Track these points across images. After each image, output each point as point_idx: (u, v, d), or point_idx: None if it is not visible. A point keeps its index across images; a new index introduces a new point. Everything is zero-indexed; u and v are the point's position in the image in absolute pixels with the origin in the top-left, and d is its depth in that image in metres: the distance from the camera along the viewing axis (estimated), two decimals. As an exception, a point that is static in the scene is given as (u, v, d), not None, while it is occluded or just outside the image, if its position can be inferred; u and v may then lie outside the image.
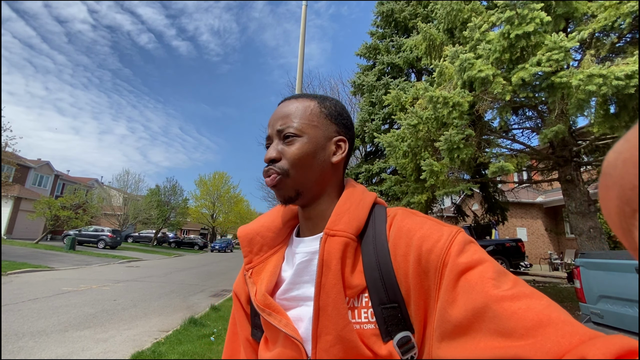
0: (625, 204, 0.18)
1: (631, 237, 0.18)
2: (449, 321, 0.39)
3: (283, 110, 0.61)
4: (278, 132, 0.59)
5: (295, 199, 0.58)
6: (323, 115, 0.61)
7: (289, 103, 0.62)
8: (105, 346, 4.20)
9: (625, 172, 0.17)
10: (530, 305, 0.35)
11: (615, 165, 0.18)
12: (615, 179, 0.18)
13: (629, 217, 0.18)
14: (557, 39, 4.19)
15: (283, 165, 0.57)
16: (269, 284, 0.57)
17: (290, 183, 0.56)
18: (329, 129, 0.61)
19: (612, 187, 0.19)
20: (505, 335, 0.34)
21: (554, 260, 15.31)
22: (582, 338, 0.30)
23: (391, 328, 0.47)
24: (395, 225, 0.52)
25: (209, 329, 5.02)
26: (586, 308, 3.37)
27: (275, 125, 0.59)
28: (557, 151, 6.28)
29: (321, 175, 0.59)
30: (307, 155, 0.57)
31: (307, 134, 0.58)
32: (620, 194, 0.18)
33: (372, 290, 0.49)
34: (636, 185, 0.17)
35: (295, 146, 0.57)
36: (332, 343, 0.48)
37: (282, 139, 0.59)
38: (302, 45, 7.14)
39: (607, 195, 0.19)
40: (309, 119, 0.59)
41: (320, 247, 0.52)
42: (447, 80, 6.19)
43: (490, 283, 0.38)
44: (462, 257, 0.43)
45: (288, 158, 0.57)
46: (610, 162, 0.19)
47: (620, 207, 0.18)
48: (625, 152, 0.18)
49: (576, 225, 5.96)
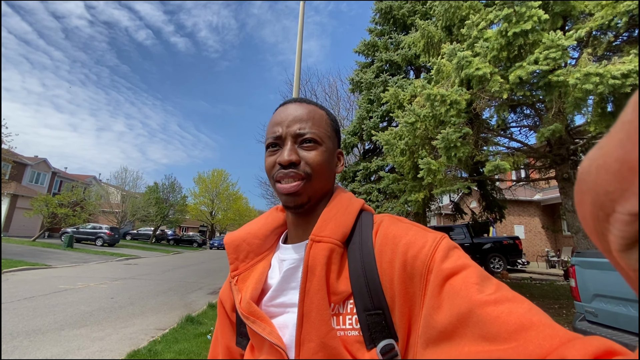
0: (599, 209, 0.18)
1: (605, 241, 0.19)
2: (434, 327, 0.39)
3: (298, 113, 0.59)
4: (297, 135, 0.57)
5: (304, 206, 0.57)
6: (331, 128, 0.62)
7: (301, 107, 0.60)
8: (101, 345, 4.20)
9: (599, 178, 0.18)
10: (513, 309, 0.35)
11: (589, 172, 0.19)
12: (589, 184, 0.19)
13: (602, 221, 0.18)
14: (555, 37, 4.17)
15: (306, 170, 0.56)
16: (254, 291, 0.57)
17: (309, 189, 0.56)
18: (335, 142, 0.63)
19: (586, 193, 0.19)
20: (489, 340, 0.34)
21: (551, 257, 15.39)
22: (562, 340, 0.31)
23: (375, 335, 0.46)
24: (382, 231, 0.52)
25: (206, 327, 5.03)
26: (581, 307, 3.39)
27: (292, 126, 0.58)
28: (554, 149, 6.29)
29: (328, 183, 0.60)
30: (325, 163, 0.58)
31: (324, 143, 0.59)
32: (594, 199, 0.19)
33: (357, 297, 0.49)
34: (609, 191, 0.17)
35: (317, 152, 0.57)
36: (315, 350, 0.47)
37: (299, 143, 0.57)
38: (300, 43, 7.09)
39: (582, 200, 0.20)
40: (325, 129, 0.60)
41: (305, 253, 0.52)
42: (445, 78, 6.17)
43: (474, 288, 0.39)
44: (446, 263, 0.43)
45: (310, 163, 0.56)
46: (585, 168, 0.20)
47: (594, 211, 0.19)
48: (598, 159, 0.18)
49: (573, 223, 5.98)
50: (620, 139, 0.17)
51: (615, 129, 0.17)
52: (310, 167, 0.56)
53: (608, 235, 0.18)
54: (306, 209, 0.58)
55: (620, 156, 0.17)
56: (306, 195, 0.56)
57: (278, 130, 0.58)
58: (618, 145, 0.17)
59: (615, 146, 0.17)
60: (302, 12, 7.43)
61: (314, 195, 0.57)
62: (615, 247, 0.18)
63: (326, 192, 0.60)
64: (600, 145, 0.19)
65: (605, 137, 0.18)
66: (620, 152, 0.17)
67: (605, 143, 0.18)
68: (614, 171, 0.17)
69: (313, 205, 0.58)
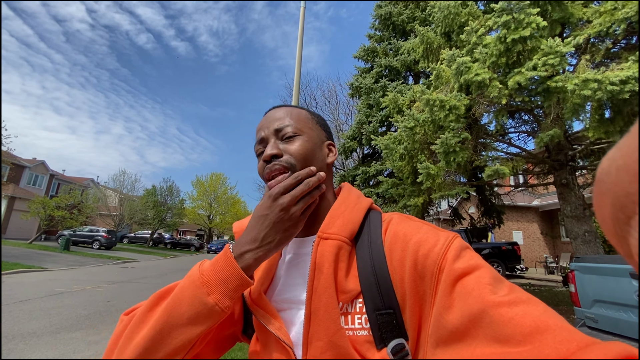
0: (619, 211, 0.18)
1: (625, 244, 0.18)
2: (444, 327, 0.39)
3: (276, 114, 0.61)
4: (276, 131, 0.58)
5: None
6: (314, 122, 0.63)
7: (280, 109, 0.62)
8: (97, 348, 4.14)
9: (619, 179, 0.17)
10: (527, 311, 0.34)
11: (608, 173, 0.19)
12: (609, 185, 0.18)
13: (623, 223, 0.18)
14: (553, 43, 4.21)
15: (289, 160, 0.56)
16: (264, 282, 0.57)
17: None
18: (320, 134, 0.63)
19: (606, 194, 0.19)
20: (502, 342, 0.33)
21: (549, 263, 15.38)
22: (579, 344, 0.30)
23: (385, 335, 0.46)
24: (391, 229, 0.52)
25: (203, 332, 4.98)
26: (581, 312, 3.38)
27: (271, 126, 0.59)
28: (552, 155, 6.32)
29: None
30: (309, 152, 0.58)
31: (305, 133, 0.59)
32: (614, 201, 0.18)
33: (367, 296, 0.48)
34: (629, 193, 0.17)
35: (298, 143, 0.57)
36: (324, 349, 0.46)
37: (280, 138, 0.58)
38: (300, 48, 7.14)
39: (601, 202, 0.19)
40: (304, 122, 0.61)
41: (312, 250, 0.51)
42: (444, 83, 6.21)
43: (487, 289, 0.38)
44: (458, 263, 0.42)
45: (292, 153, 0.57)
46: (604, 169, 0.19)
47: (614, 213, 0.18)
48: (618, 160, 0.18)
49: (571, 229, 5.98)
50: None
51: (635, 129, 0.17)
52: (294, 157, 0.56)
53: (629, 239, 0.18)
54: None
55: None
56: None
57: (261, 133, 0.60)
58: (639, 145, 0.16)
59: (635, 146, 0.17)
60: (302, 18, 7.49)
61: None
62: (637, 251, 0.17)
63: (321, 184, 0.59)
64: (620, 146, 0.18)
65: (625, 137, 0.18)
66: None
67: (625, 143, 0.18)
68: (635, 172, 0.16)
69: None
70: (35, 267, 11.05)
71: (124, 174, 34.67)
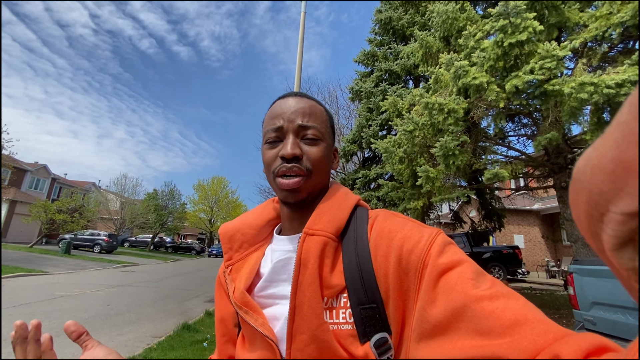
0: (593, 208, 0.18)
1: (598, 240, 0.19)
2: (428, 321, 0.39)
3: (300, 106, 0.58)
4: (300, 127, 0.56)
5: (303, 201, 0.57)
6: (329, 124, 0.62)
7: (302, 100, 0.59)
8: (96, 352, 4.15)
9: (593, 177, 0.18)
10: (508, 305, 0.35)
11: (584, 172, 0.19)
12: (584, 184, 0.19)
13: (596, 220, 0.18)
14: (550, 47, 4.25)
15: (308, 165, 0.55)
16: (247, 281, 0.57)
17: (309, 185, 0.56)
18: (332, 138, 0.63)
19: (581, 192, 0.19)
20: (483, 334, 0.34)
21: (551, 267, 15.31)
22: (555, 336, 0.31)
23: (369, 329, 0.46)
24: (377, 226, 0.52)
25: (203, 335, 4.97)
26: (579, 315, 3.37)
27: (296, 119, 0.56)
28: (552, 158, 6.33)
29: (325, 179, 0.60)
30: (325, 159, 0.58)
31: (325, 139, 0.59)
32: (588, 199, 0.19)
33: (351, 291, 0.48)
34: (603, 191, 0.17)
35: (319, 148, 0.57)
36: (307, 342, 0.47)
37: (301, 137, 0.57)
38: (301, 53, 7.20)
39: (577, 199, 0.20)
40: (326, 125, 0.60)
41: (298, 246, 0.52)
42: (443, 87, 6.25)
43: (469, 283, 0.39)
44: (442, 258, 0.43)
45: (312, 159, 0.55)
46: (580, 168, 0.20)
47: (588, 211, 0.19)
48: (593, 159, 0.18)
49: (572, 232, 5.98)
50: (615, 139, 0.17)
51: (611, 130, 0.18)
52: (312, 163, 0.55)
53: (601, 235, 0.18)
54: (305, 205, 0.58)
55: (615, 156, 0.17)
56: (306, 191, 0.56)
57: (279, 122, 0.57)
58: (613, 145, 0.17)
59: (610, 146, 0.17)
60: (302, 23, 7.56)
61: (313, 191, 0.57)
62: (609, 247, 0.18)
63: (323, 188, 0.60)
64: (596, 146, 0.19)
65: (600, 137, 0.19)
66: (615, 152, 0.17)
67: (601, 143, 0.18)
68: (609, 171, 0.17)
69: (310, 201, 0.58)
70: (36, 270, 11.06)
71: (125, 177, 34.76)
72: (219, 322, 0.66)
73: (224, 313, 0.65)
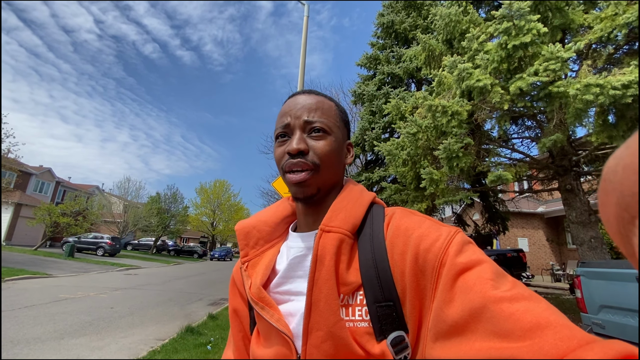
0: (624, 210, 0.18)
1: (629, 244, 0.18)
2: (444, 321, 0.39)
3: (308, 102, 0.58)
4: (306, 122, 0.57)
5: (314, 197, 0.56)
6: (340, 119, 0.62)
7: (310, 97, 0.60)
8: (100, 354, 4.14)
9: (625, 178, 0.17)
10: (529, 308, 0.34)
11: (615, 171, 0.18)
12: (615, 185, 0.18)
13: (627, 223, 0.18)
14: (554, 49, 4.24)
15: (314, 160, 0.55)
16: (263, 277, 0.57)
17: (318, 179, 0.55)
18: (343, 132, 0.62)
19: (611, 193, 0.19)
20: (502, 337, 0.33)
21: (555, 271, 15.15)
22: (580, 342, 0.29)
23: (385, 327, 0.46)
24: (393, 223, 0.52)
25: (206, 338, 4.96)
26: (587, 318, 3.32)
27: (302, 115, 0.57)
28: (556, 160, 6.29)
29: (337, 174, 0.59)
30: (334, 153, 0.57)
31: (333, 132, 0.58)
32: (619, 200, 0.18)
33: (368, 288, 0.48)
34: (635, 192, 0.17)
35: (326, 142, 0.56)
36: (323, 339, 0.47)
37: (308, 132, 0.57)
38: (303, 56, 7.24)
39: (607, 200, 0.19)
40: (334, 119, 0.59)
41: (314, 243, 0.52)
42: (446, 89, 6.25)
43: (488, 284, 0.38)
44: (460, 257, 0.42)
45: (318, 153, 0.55)
46: (611, 167, 0.19)
47: (619, 213, 0.18)
48: (625, 159, 0.18)
49: (577, 235, 5.92)
50: None
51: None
52: (319, 157, 0.55)
53: (632, 238, 0.17)
54: (316, 200, 0.57)
55: None
56: (315, 186, 0.55)
57: (287, 119, 0.58)
58: None
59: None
60: (305, 27, 7.60)
61: (324, 186, 0.57)
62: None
63: (336, 183, 0.60)
64: (628, 144, 0.18)
65: (633, 135, 0.18)
66: None
67: (633, 142, 0.17)
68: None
69: (323, 196, 0.58)
70: (40, 273, 11.10)
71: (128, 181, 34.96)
72: (233, 318, 0.66)
73: (239, 310, 0.66)
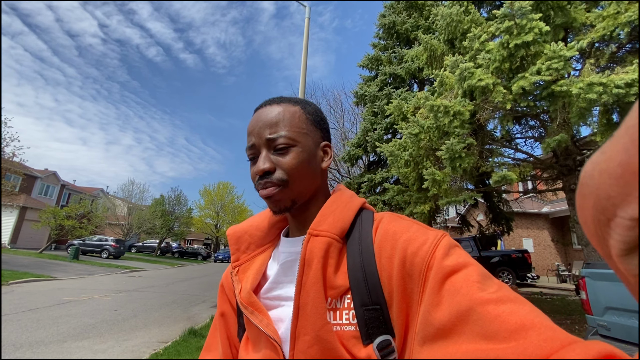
0: (601, 213, 0.18)
1: (605, 245, 0.19)
2: (432, 324, 0.39)
3: (268, 117, 0.57)
4: (268, 141, 0.56)
5: (290, 209, 0.56)
6: (309, 122, 0.60)
7: (271, 109, 0.58)
8: (103, 357, 4.15)
9: (601, 182, 0.18)
10: (514, 310, 0.35)
11: (591, 176, 0.19)
12: (592, 188, 0.19)
13: (603, 225, 0.18)
14: (556, 48, 4.21)
15: (281, 176, 0.55)
16: (253, 282, 0.57)
17: (288, 194, 0.55)
18: (316, 135, 0.60)
19: (588, 197, 0.19)
20: (488, 338, 0.34)
21: (561, 272, 15.01)
22: (562, 343, 0.30)
23: (372, 331, 0.46)
24: (382, 228, 0.52)
25: (209, 340, 4.96)
26: (593, 320, 3.27)
27: (263, 133, 0.56)
28: (560, 160, 6.23)
29: (313, 182, 0.58)
30: (302, 164, 0.56)
31: (299, 143, 0.57)
32: (595, 203, 0.18)
33: (355, 292, 0.48)
34: (611, 196, 0.17)
35: (291, 156, 0.55)
36: (310, 344, 0.47)
37: (273, 149, 0.56)
38: (305, 58, 7.25)
39: (584, 204, 0.20)
40: (299, 127, 0.58)
41: (302, 246, 0.52)
42: (448, 89, 6.22)
43: (475, 286, 0.38)
44: (447, 260, 0.42)
45: (285, 169, 0.55)
46: (587, 172, 0.19)
47: (595, 216, 0.19)
48: (601, 164, 0.18)
49: (583, 236, 5.85)
50: (624, 143, 0.17)
51: (619, 134, 0.17)
52: (286, 172, 0.55)
53: (609, 240, 0.18)
54: (297, 208, 0.57)
55: (623, 160, 0.16)
56: (287, 199, 0.55)
57: (251, 139, 0.58)
58: (621, 149, 0.17)
59: (618, 150, 0.17)
60: (307, 29, 7.62)
61: (299, 196, 0.56)
62: (616, 252, 0.18)
63: (315, 190, 0.59)
64: (604, 150, 0.18)
65: (608, 141, 0.18)
66: (623, 157, 0.16)
67: (609, 147, 0.18)
68: (617, 175, 0.17)
69: (304, 204, 0.58)
70: (45, 276, 11.19)
71: (132, 183, 35.23)
72: (220, 323, 0.67)
73: (227, 315, 0.67)
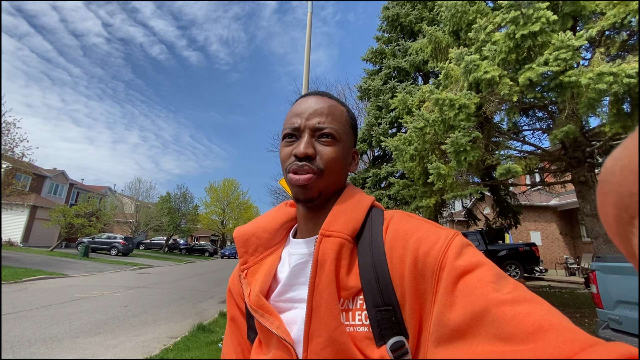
0: (623, 211, 0.18)
1: (629, 244, 0.18)
2: (446, 325, 0.38)
3: (319, 106, 0.58)
4: (316, 128, 0.57)
5: (315, 201, 0.56)
6: (349, 125, 0.61)
7: (322, 100, 0.59)
8: (114, 352, 4.23)
9: (623, 179, 0.17)
10: (531, 310, 0.34)
11: (613, 172, 0.18)
12: (613, 185, 0.18)
13: (626, 223, 0.18)
14: (564, 37, 4.11)
15: (320, 165, 0.55)
16: (263, 285, 0.56)
17: (320, 184, 0.55)
18: (351, 139, 0.62)
19: (609, 194, 0.19)
20: (504, 340, 0.33)
21: (570, 265, 14.87)
22: (583, 345, 0.29)
23: (385, 332, 0.45)
24: (392, 227, 0.51)
25: (218, 336, 5.02)
26: (603, 314, 3.24)
27: (312, 119, 0.57)
28: (569, 152, 6.13)
29: (341, 180, 0.59)
30: (340, 161, 0.57)
31: (342, 140, 0.58)
32: (617, 201, 0.18)
33: (367, 293, 0.48)
34: (634, 193, 0.17)
35: (334, 149, 0.56)
36: (324, 345, 0.47)
37: (317, 137, 0.57)
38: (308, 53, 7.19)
39: (605, 201, 0.19)
40: (344, 126, 0.59)
41: (314, 248, 0.52)
42: (454, 82, 6.14)
43: (490, 286, 0.37)
44: (460, 260, 0.42)
45: (325, 159, 0.55)
46: (608, 168, 0.19)
47: (617, 214, 0.18)
48: (623, 159, 0.18)
49: (592, 229, 5.77)
50: None
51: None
52: (325, 162, 0.55)
53: (631, 238, 0.17)
54: (316, 204, 0.57)
55: None
56: (317, 190, 0.55)
57: (297, 121, 0.58)
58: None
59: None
60: (309, 23, 7.55)
61: (325, 190, 0.56)
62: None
63: (338, 189, 0.60)
64: (625, 145, 0.18)
65: (630, 135, 0.18)
66: None
67: (630, 142, 0.17)
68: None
69: (324, 201, 0.58)
70: (57, 273, 11.42)
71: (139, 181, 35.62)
72: (231, 327, 0.66)
73: (237, 319, 0.66)
